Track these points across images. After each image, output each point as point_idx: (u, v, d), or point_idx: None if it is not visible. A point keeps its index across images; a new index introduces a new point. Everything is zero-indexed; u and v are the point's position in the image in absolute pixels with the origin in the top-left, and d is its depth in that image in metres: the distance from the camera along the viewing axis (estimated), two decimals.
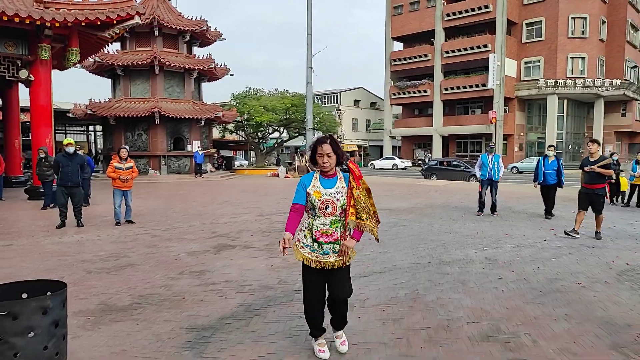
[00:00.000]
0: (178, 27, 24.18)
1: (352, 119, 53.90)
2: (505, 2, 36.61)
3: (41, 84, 13.97)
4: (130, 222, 9.18)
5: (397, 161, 41.33)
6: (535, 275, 5.41)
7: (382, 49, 44.88)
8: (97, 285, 5.06)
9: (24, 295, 3.05)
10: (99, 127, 36.17)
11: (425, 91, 41.67)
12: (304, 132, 29.05)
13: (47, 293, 2.98)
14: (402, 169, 39.71)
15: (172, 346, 3.49)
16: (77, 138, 45.56)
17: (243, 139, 35.34)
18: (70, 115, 25.30)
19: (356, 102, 55.16)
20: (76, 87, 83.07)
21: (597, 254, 6.50)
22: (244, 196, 14.93)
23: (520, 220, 9.72)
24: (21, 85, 16.24)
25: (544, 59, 37.59)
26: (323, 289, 3.25)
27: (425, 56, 41.15)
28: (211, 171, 26.70)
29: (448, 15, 39.31)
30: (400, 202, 12.39)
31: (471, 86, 38.41)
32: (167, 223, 9.35)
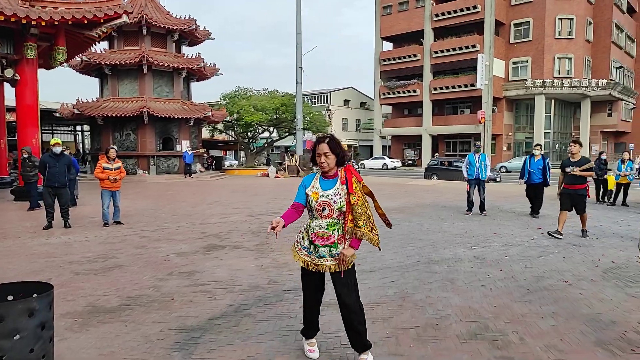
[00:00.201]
0: (166, 26, 23.99)
1: (342, 119, 53.99)
2: (493, 3, 36.92)
3: (27, 83, 13.77)
4: (118, 223, 9.10)
5: (387, 161, 41.48)
6: (522, 273, 5.48)
7: (372, 49, 45.07)
8: (85, 286, 5.01)
9: (10, 297, 3.01)
10: (87, 127, 35.80)
11: (414, 91, 41.89)
12: (294, 132, 29.07)
13: (34, 295, 2.95)
14: (392, 169, 39.88)
15: (161, 347, 3.47)
16: (65, 138, 45.02)
17: (233, 139, 35.21)
18: (57, 115, 25.00)
19: (346, 102, 55.26)
20: (63, 87, 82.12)
21: (584, 252, 6.60)
22: (234, 196, 14.88)
23: (508, 219, 9.82)
24: (7, 84, 16.01)
25: (532, 59, 37.99)
26: (319, 292, 3.21)
27: (414, 56, 41.36)
28: (201, 171, 26.57)
29: (437, 15, 39.54)
30: (390, 202, 12.44)
31: (460, 86, 38.69)
32: (156, 224, 9.29)
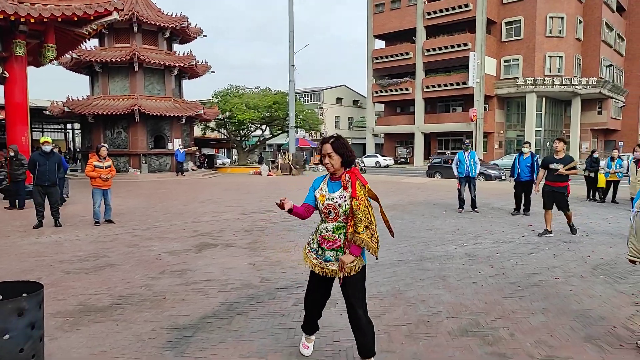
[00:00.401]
0: (158, 24, 23.82)
1: (335, 117, 54.01)
2: (484, 1, 37.06)
3: (16, 81, 13.63)
4: (109, 222, 9.04)
5: (380, 159, 41.58)
6: (513, 270, 5.52)
7: (364, 47, 45.08)
8: (76, 286, 4.97)
9: None
10: (77, 125, 35.48)
11: (407, 89, 41.98)
12: (287, 130, 29.03)
13: (23, 294, 2.92)
14: (385, 167, 39.97)
15: (153, 346, 3.46)
16: (55, 136, 44.60)
17: (225, 137, 35.09)
18: (47, 113, 24.74)
19: (339, 100, 55.28)
20: (53, 85, 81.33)
21: (574, 249, 6.66)
22: (226, 194, 14.83)
23: (499, 216, 9.89)
24: None
25: (523, 58, 38.22)
26: (324, 297, 3.16)
27: (406, 54, 41.44)
28: (193, 169, 26.45)
29: (429, 13, 39.63)
30: (382, 200, 12.43)
31: (452, 84, 38.83)
32: (148, 222, 9.24)
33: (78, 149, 36.37)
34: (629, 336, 3.61)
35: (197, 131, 33.77)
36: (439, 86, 39.74)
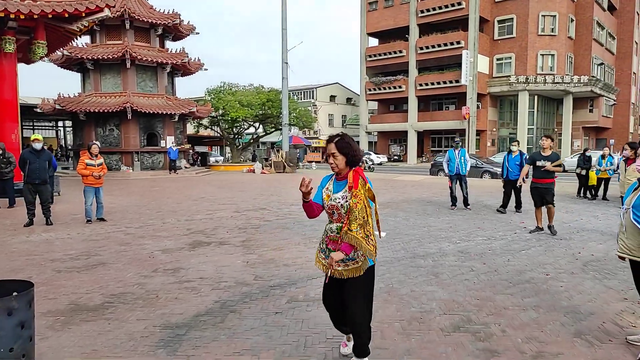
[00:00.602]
0: (150, 20, 23.64)
1: (329, 115, 53.95)
2: (477, 0, 37.19)
3: (6, 78, 13.47)
4: (101, 220, 8.99)
5: (373, 156, 41.61)
6: (505, 266, 5.56)
7: (358, 45, 45.04)
8: (67, 284, 4.94)
9: None
10: (69, 123, 35.19)
11: (400, 87, 42.02)
12: (280, 128, 28.95)
13: (13, 293, 2.90)
14: (378, 164, 40.02)
15: (146, 345, 3.44)
16: (46, 134, 44.20)
17: (218, 135, 34.96)
18: (38, 110, 24.51)
19: (332, 98, 55.23)
20: (44, 82, 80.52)
21: (564, 246, 6.72)
22: (220, 192, 14.79)
23: (492, 213, 9.95)
24: None
25: (515, 56, 38.39)
26: (336, 298, 3.10)
27: (400, 52, 41.46)
28: (186, 167, 26.33)
29: (422, 11, 39.67)
30: (376, 197, 12.49)
31: (445, 82, 38.92)
32: (141, 220, 9.19)
33: (70, 147, 36.06)
34: (618, 331, 3.65)
35: (190, 129, 33.61)
36: (432, 84, 39.81)
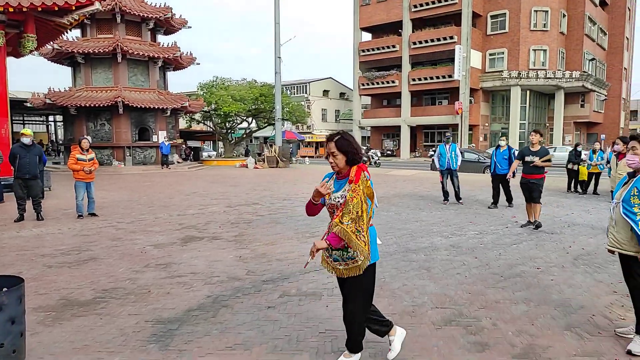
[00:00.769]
0: (141, 14, 23.41)
1: (322, 109, 53.87)
2: None
3: None
4: (93, 215, 8.92)
5: (377, 152, 41.60)
6: (496, 260, 5.60)
7: (351, 40, 44.94)
8: (58, 280, 4.91)
9: None
10: (60, 117, 34.84)
11: (393, 82, 42.02)
12: (273, 123, 28.86)
13: (3, 289, 2.88)
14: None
15: (137, 340, 3.43)
16: (37, 129, 43.76)
17: (211, 130, 34.77)
18: (28, 104, 24.23)
19: (325, 93, 55.11)
20: (35, 76, 79.50)
21: (555, 240, 6.78)
22: (212, 187, 14.74)
23: (483, 208, 10.01)
24: None
25: (508, 51, 38.52)
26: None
27: (393, 47, 41.43)
28: (178, 162, 26.20)
29: (415, 6, 39.64)
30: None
31: (438, 77, 38.98)
32: (132, 215, 9.14)
33: (60, 142, 35.72)
34: (608, 324, 3.69)
35: (183, 123, 33.42)
36: (425, 79, 39.86)
